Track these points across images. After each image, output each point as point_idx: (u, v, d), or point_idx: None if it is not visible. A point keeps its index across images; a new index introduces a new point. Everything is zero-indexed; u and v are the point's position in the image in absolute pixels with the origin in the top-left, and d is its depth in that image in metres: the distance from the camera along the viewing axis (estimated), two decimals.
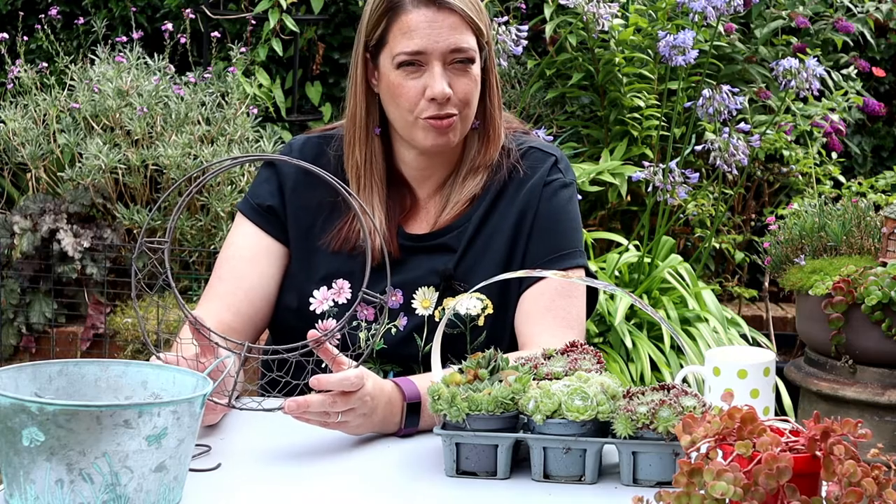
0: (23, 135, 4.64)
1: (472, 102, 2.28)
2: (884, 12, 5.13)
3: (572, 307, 2.30)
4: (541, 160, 2.36)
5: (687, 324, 3.90)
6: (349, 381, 1.95)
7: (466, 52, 2.24)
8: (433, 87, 2.23)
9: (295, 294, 2.33)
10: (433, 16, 2.23)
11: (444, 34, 2.23)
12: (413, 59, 2.24)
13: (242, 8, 5.23)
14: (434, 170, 2.35)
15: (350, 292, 2.31)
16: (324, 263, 2.32)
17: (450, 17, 2.24)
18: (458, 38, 2.24)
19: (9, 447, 1.67)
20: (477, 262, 2.32)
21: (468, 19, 2.25)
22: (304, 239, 2.34)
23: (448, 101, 2.24)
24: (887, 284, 3.17)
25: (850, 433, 1.52)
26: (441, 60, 2.24)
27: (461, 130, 2.29)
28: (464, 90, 2.25)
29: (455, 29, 2.24)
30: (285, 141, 4.54)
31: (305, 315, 2.31)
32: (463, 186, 2.34)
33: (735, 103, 3.93)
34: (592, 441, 1.86)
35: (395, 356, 2.31)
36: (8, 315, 4.58)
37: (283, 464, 1.94)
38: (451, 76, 2.25)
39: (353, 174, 2.33)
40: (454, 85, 2.25)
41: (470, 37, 2.25)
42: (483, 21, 2.29)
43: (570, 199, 2.36)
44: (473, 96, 2.27)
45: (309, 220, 2.35)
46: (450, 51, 2.23)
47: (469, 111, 2.28)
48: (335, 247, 2.32)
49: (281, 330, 2.37)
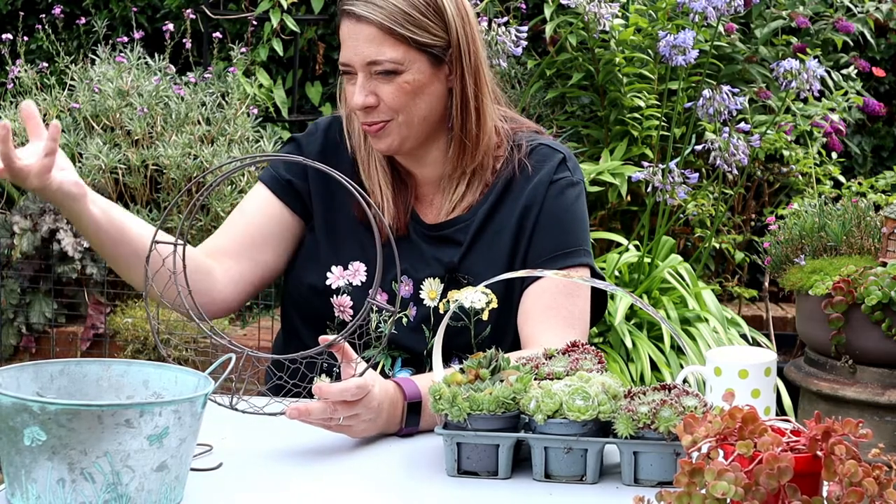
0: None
1: (407, 108, 2.27)
2: (884, 12, 5.13)
3: (575, 306, 2.30)
4: (548, 157, 2.36)
5: (687, 324, 3.90)
6: (350, 391, 1.96)
7: (382, 63, 2.24)
8: (352, 97, 2.27)
9: (316, 268, 2.35)
10: (351, 28, 2.26)
11: (361, 46, 2.24)
12: (345, 69, 2.28)
13: (243, 8, 5.23)
14: (422, 170, 2.37)
15: (365, 275, 2.33)
16: (349, 244, 2.35)
17: (366, 29, 2.24)
18: (373, 49, 2.24)
19: (10, 446, 1.67)
20: (482, 256, 2.32)
21: (387, 30, 2.23)
22: (328, 213, 2.37)
23: (373, 109, 2.26)
24: (887, 284, 3.17)
25: (852, 433, 1.52)
26: (364, 71, 2.26)
27: (401, 135, 2.29)
28: (389, 98, 2.26)
29: (371, 41, 2.24)
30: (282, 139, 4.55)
31: (321, 291, 2.34)
32: (456, 188, 2.35)
33: (735, 103, 3.93)
34: (594, 441, 1.86)
35: (404, 346, 2.33)
36: (8, 315, 4.58)
37: (284, 463, 1.94)
38: (378, 84, 2.26)
39: (358, 156, 2.37)
40: (380, 93, 2.26)
41: (388, 49, 2.24)
42: (420, 26, 2.25)
43: (577, 198, 2.37)
44: (404, 103, 2.26)
45: (332, 198, 2.37)
46: (365, 63, 2.25)
47: (406, 117, 2.28)
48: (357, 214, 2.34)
49: (299, 305, 2.39)
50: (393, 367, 2.33)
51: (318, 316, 2.34)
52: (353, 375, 1.99)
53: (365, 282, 2.33)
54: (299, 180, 2.38)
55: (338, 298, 2.33)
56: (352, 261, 2.34)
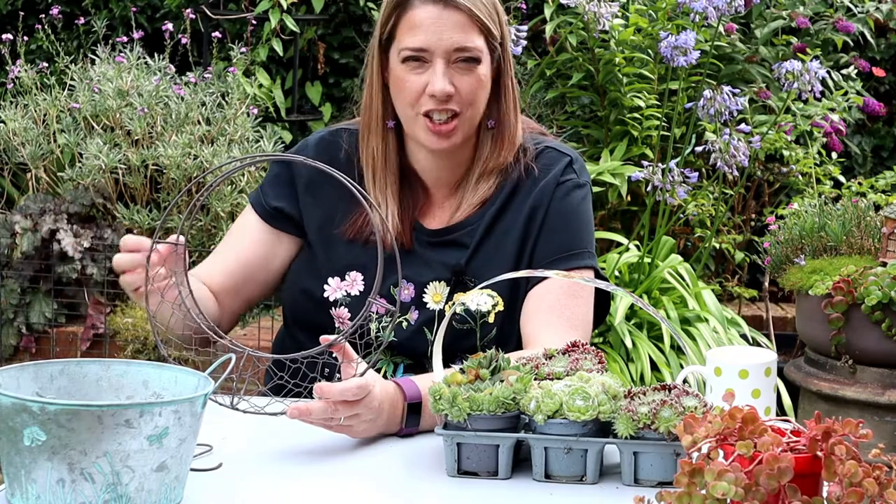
0: (23, 135, 4.64)
1: (477, 102, 2.28)
2: (884, 12, 5.14)
3: (578, 307, 2.29)
4: (555, 160, 2.36)
5: (687, 324, 3.90)
6: (350, 392, 1.96)
7: (471, 51, 2.24)
8: (434, 83, 2.23)
9: (313, 281, 2.35)
10: (439, 13, 2.23)
11: (449, 32, 2.22)
12: (417, 55, 2.24)
13: (243, 8, 5.23)
14: (445, 170, 2.36)
15: (363, 284, 2.32)
16: (342, 254, 2.35)
17: (455, 15, 2.23)
18: (462, 36, 2.23)
19: (10, 447, 1.67)
20: (488, 258, 2.32)
21: (475, 19, 2.24)
22: (323, 230, 2.36)
23: (450, 98, 2.24)
24: (887, 284, 3.17)
25: (852, 433, 1.52)
26: (444, 58, 2.23)
27: (464, 131, 2.29)
28: (467, 89, 2.25)
29: (460, 27, 2.23)
30: (285, 141, 4.55)
31: (319, 302, 2.33)
32: (476, 188, 2.34)
33: (736, 104, 3.93)
34: (594, 441, 1.86)
35: (406, 349, 2.33)
36: (8, 315, 4.58)
37: (284, 463, 1.94)
38: (455, 74, 2.24)
39: (368, 166, 2.34)
40: (457, 83, 2.24)
41: (476, 36, 2.24)
42: (494, 21, 2.28)
43: (583, 200, 2.36)
44: (478, 96, 2.27)
45: (327, 212, 2.36)
46: (453, 49, 2.23)
47: (473, 111, 2.28)
48: (350, 236, 2.33)
49: (296, 315, 2.40)
50: (395, 374, 2.32)
51: (317, 327, 2.31)
52: (353, 375, 1.99)
53: (363, 290, 2.32)
54: (289, 205, 2.37)
55: (336, 310, 2.33)
56: (349, 271, 2.34)
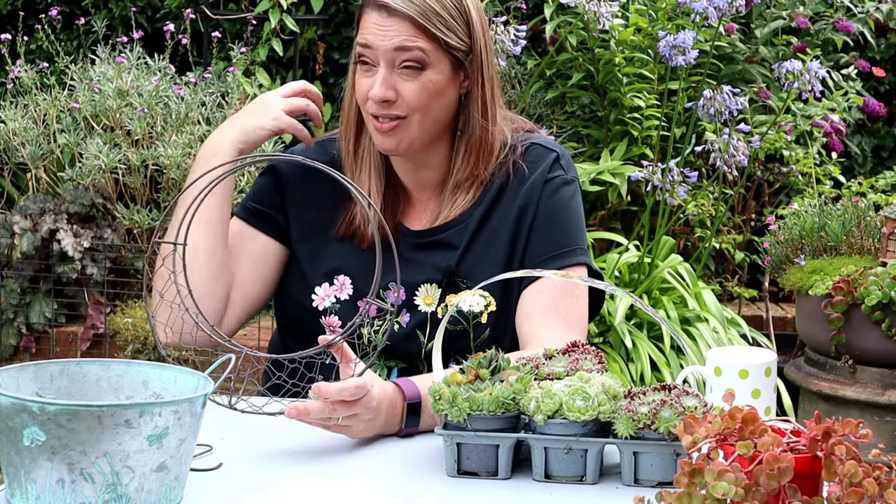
0: (23, 135, 4.64)
1: (427, 109, 2.26)
2: (884, 12, 5.13)
3: (574, 306, 2.29)
4: (542, 156, 2.36)
5: (687, 324, 3.90)
6: (348, 391, 1.96)
7: (411, 51, 2.23)
8: (373, 87, 2.24)
9: (303, 288, 2.35)
10: (382, 20, 2.24)
11: (391, 34, 2.22)
12: (364, 55, 2.25)
13: (243, 8, 5.23)
14: (421, 174, 2.36)
15: (352, 287, 2.31)
16: (332, 257, 2.34)
17: (398, 23, 2.23)
18: (403, 41, 2.22)
19: (10, 447, 1.67)
20: (479, 258, 2.32)
21: (419, 25, 2.22)
22: (311, 235, 2.36)
23: (391, 103, 2.24)
24: (887, 284, 3.17)
25: (852, 433, 1.52)
26: (387, 61, 2.23)
27: (413, 136, 2.27)
28: (409, 95, 2.24)
29: (403, 32, 2.23)
30: (285, 141, 4.54)
31: (310, 311, 2.33)
32: (454, 198, 2.33)
33: (736, 104, 3.93)
34: (594, 441, 1.86)
35: (399, 353, 2.32)
36: (8, 315, 4.58)
37: (284, 463, 1.94)
38: (399, 80, 2.24)
39: (346, 165, 2.35)
40: (400, 88, 2.24)
41: (423, 42, 2.23)
42: (455, 30, 2.26)
43: (572, 197, 2.36)
44: (424, 102, 2.25)
45: (315, 218, 2.36)
46: (394, 49, 2.23)
47: (421, 117, 2.26)
48: (342, 233, 2.33)
49: (288, 322, 2.39)
50: (389, 377, 2.31)
51: (309, 336, 2.28)
52: (351, 375, 1.99)
53: (353, 294, 2.32)
54: (273, 210, 2.38)
55: (327, 319, 2.32)
56: (337, 274, 2.34)
